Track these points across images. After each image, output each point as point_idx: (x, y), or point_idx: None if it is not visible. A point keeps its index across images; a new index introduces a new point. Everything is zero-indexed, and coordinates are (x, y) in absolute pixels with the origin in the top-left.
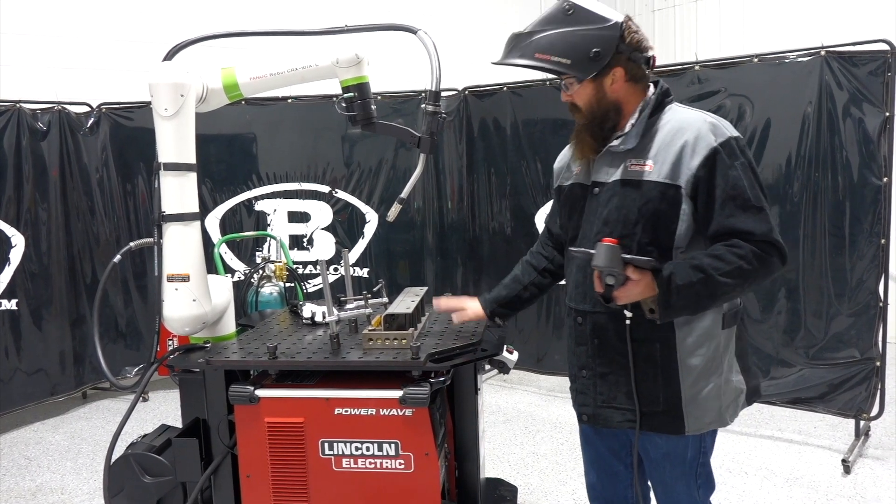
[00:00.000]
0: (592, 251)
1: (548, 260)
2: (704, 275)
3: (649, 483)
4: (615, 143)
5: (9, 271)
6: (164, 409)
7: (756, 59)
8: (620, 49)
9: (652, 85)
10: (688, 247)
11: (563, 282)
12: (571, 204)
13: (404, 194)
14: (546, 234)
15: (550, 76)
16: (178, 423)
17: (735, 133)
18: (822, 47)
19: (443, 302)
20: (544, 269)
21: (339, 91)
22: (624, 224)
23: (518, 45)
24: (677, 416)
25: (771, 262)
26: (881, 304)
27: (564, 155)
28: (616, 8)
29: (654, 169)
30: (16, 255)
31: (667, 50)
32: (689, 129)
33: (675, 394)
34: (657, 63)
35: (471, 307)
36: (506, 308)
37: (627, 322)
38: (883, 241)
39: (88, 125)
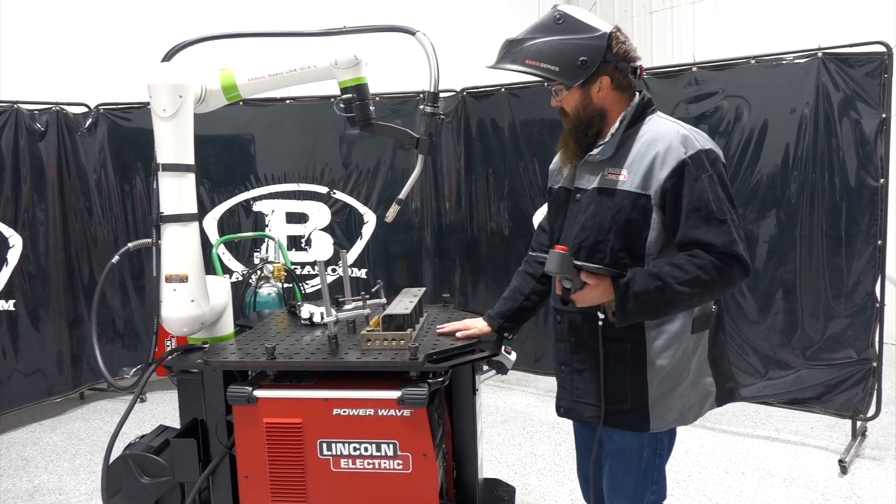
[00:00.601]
0: (545, 256)
1: (542, 265)
2: (662, 283)
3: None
4: (594, 152)
5: (6, 272)
6: (161, 409)
7: (753, 61)
8: (607, 58)
9: (637, 94)
10: (659, 253)
11: None
12: (557, 206)
13: (402, 195)
14: (542, 236)
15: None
16: (176, 424)
17: (707, 146)
18: (819, 49)
19: (447, 327)
20: (543, 275)
21: (338, 92)
22: (598, 230)
23: (510, 51)
24: (643, 414)
25: (730, 273)
26: (878, 305)
27: (558, 157)
28: (614, 10)
29: (627, 178)
30: (13, 256)
31: (664, 51)
32: (661, 141)
33: (643, 393)
34: (655, 64)
35: (476, 325)
36: (512, 321)
37: (600, 323)
38: (879, 242)
39: (86, 126)
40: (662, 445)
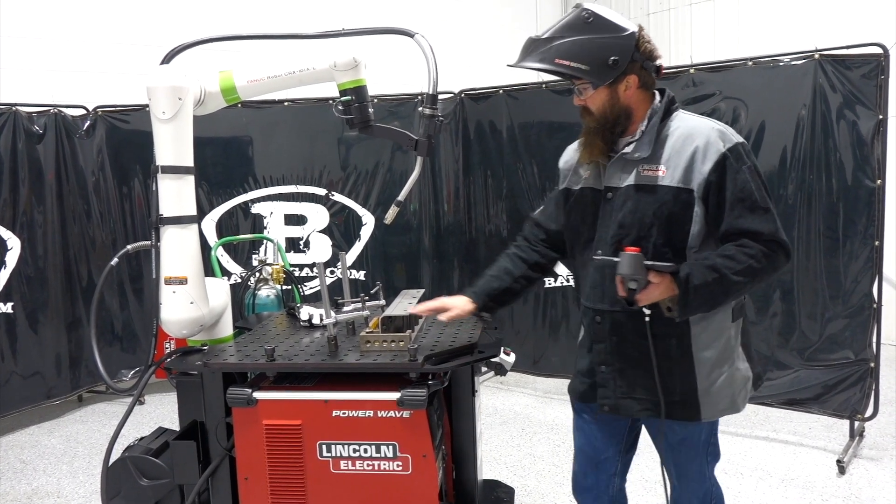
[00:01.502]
0: (616, 259)
1: (540, 255)
2: (719, 274)
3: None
4: (628, 149)
5: (4, 274)
6: (160, 412)
7: (750, 63)
8: (635, 57)
9: (658, 92)
10: (700, 246)
11: (550, 279)
12: (583, 208)
13: (401, 197)
14: (537, 231)
15: (547, 79)
16: (175, 427)
17: (740, 139)
18: (816, 50)
19: (421, 307)
20: (535, 263)
21: (336, 94)
22: (639, 227)
23: (538, 50)
24: (693, 405)
25: (777, 259)
26: (875, 306)
27: (570, 156)
28: (612, 10)
29: (666, 174)
30: (11, 258)
31: (662, 53)
32: (699, 136)
33: (691, 385)
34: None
35: (456, 304)
36: (495, 301)
37: (647, 319)
38: (877, 242)
39: (84, 128)
40: (716, 424)
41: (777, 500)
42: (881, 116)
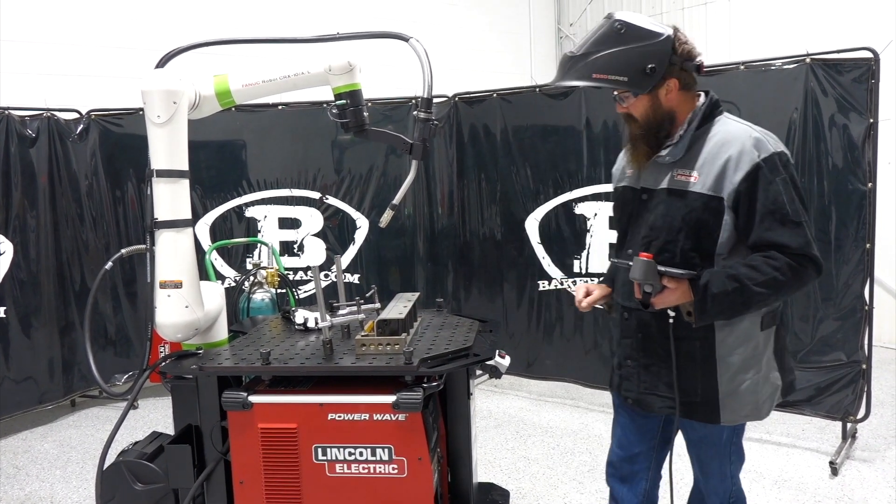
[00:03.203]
0: (629, 263)
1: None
2: (739, 284)
3: (665, 465)
4: (663, 153)
5: None
6: (153, 416)
7: (742, 67)
8: (673, 61)
9: (703, 94)
10: (730, 254)
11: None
12: (622, 205)
13: (396, 200)
14: None
15: (541, 82)
16: (169, 431)
17: (780, 148)
18: (808, 55)
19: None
20: None
21: (330, 98)
22: (668, 230)
23: (574, 67)
24: (714, 407)
25: (805, 274)
26: (867, 308)
27: (620, 159)
28: (603, 16)
29: (698, 180)
30: (4, 263)
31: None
32: (734, 144)
33: (713, 387)
34: None
35: (598, 288)
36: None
37: (671, 321)
38: (868, 245)
39: (78, 132)
40: (739, 427)
41: (770, 502)
42: (872, 120)
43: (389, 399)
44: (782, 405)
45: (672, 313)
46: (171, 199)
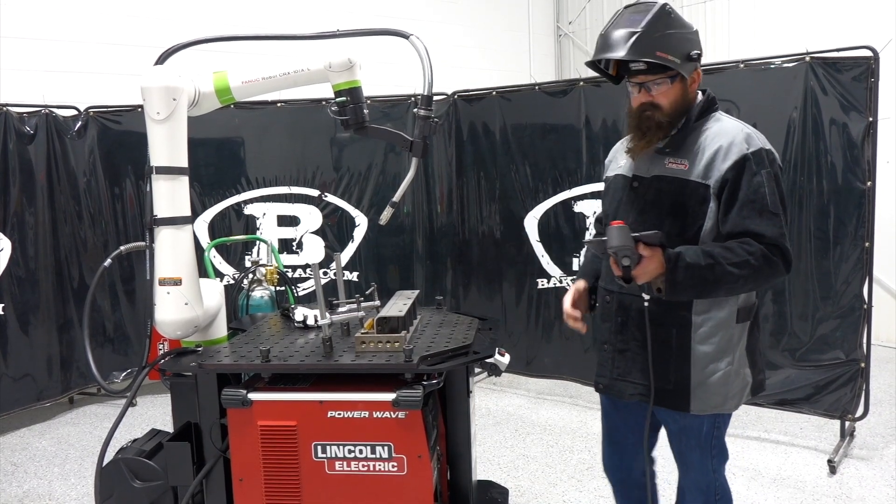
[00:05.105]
0: (604, 237)
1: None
2: (713, 260)
3: (654, 455)
4: (660, 144)
5: None
6: (152, 413)
7: (742, 65)
8: (700, 53)
9: (700, 92)
10: (711, 243)
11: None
12: (613, 193)
13: (396, 198)
14: (600, 226)
15: (541, 80)
16: (167, 428)
17: (768, 146)
18: (807, 53)
19: (572, 318)
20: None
21: (329, 95)
22: (657, 216)
23: (634, 42)
24: (684, 396)
25: (776, 264)
26: (865, 307)
27: (614, 150)
28: (604, 14)
29: (689, 168)
30: (2, 260)
31: None
32: (725, 136)
33: (685, 376)
34: None
35: (574, 291)
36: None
37: (646, 304)
38: (867, 244)
39: (76, 129)
40: (720, 421)
41: (768, 500)
42: (871, 119)
43: (389, 397)
44: (780, 403)
45: (647, 296)
46: (170, 196)
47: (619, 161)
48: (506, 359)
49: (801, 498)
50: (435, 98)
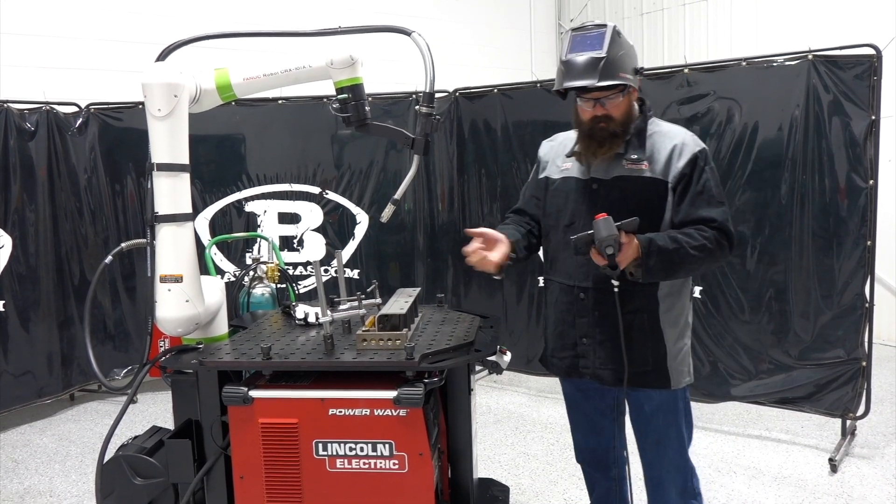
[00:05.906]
0: (590, 231)
1: (532, 234)
2: (678, 245)
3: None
4: (620, 150)
5: None
6: (152, 410)
7: (744, 63)
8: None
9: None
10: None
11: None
12: (565, 195)
13: (398, 195)
14: (520, 217)
15: (542, 77)
16: (167, 425)
17: (704, 145)
18: (810, 51)
19: (476, 231)
20: (529, 231)
21: (331, 92)
22: (625, 213)
23: (605, 68)
24: (664, 373)
25: (724, 246)
26: (867, 305)
27: (551, 148)
28: (605, 11)
29: (649, 167)
30: (3, 257)
31: (655, 53)
32: (676, 137)
33: (662, 355)
34: (647, 66)
35: (497, 251)
36: (516, 251)
37: (616, 290)
38: (869, 242)
39: (77, 125)
40: (687, 395)
41: (769, 499)
42: (874, 117)
43: (390, 394)
44: (781, 402)
45: (616, 283)
46: (171, 192)
47: (560, 164)
48: (507, 357)
49: (801, 496)
50: (436, 95)
